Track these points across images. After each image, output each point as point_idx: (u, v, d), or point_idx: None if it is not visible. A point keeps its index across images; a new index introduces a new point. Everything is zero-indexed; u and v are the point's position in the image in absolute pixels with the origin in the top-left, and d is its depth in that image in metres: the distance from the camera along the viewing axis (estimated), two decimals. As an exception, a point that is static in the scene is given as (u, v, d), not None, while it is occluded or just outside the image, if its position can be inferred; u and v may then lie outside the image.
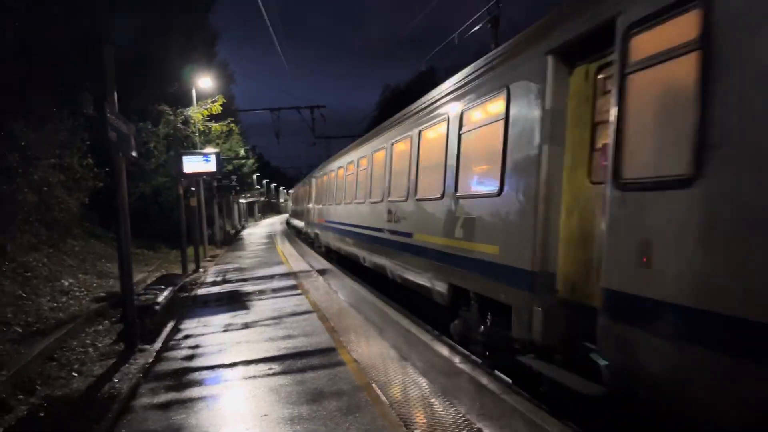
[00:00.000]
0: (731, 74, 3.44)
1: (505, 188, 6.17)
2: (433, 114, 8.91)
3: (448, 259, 7.75)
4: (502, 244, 6.22)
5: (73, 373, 6.96)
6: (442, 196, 8.06)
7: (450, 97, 8.14)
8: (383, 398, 5.23)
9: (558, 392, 5.07)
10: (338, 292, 11.61)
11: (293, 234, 36.89)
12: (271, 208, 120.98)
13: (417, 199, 9.33)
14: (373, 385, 5.62)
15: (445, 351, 6.73)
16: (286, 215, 70.27)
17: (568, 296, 5.29)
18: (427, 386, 5.49)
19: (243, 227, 52.53)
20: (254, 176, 65.82)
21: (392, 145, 11.28)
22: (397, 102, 40.90)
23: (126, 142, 8.03)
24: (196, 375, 6.48)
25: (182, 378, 6.38)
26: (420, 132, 9.50)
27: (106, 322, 9.93)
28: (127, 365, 7.13)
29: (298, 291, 12.03)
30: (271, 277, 14.87)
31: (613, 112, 4.44)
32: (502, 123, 6.32)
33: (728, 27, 3.47)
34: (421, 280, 9.01)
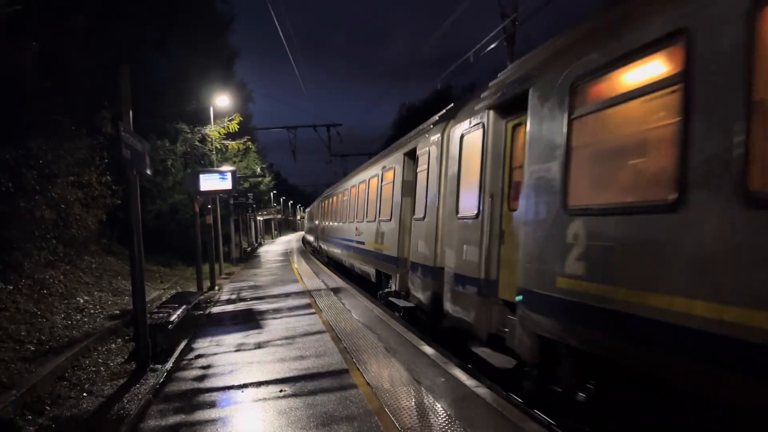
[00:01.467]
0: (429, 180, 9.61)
1: (392, 217, 12.16)
2: (372, 171, 15.56)
3: (375, 255, 14.01)
4: (391, 245, 12.15)
5: (84, 393, 6.89)
6: (374, 220, 14.28)
7: (379, 163, 14.65)
8: (396, 424, 5.06)
9: (406, 313, 10.70)
10: (351, 311, 11.47)
11: (308, 251, 36.88)
12: (287, 226, 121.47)
13: (367, 221, 15.46)
14: (386, 409, 5.46)
15: (460, 374, 6.54)
16: (303, 233, 70.68)
17: (410, 268, 10.60)
18: (441, 412, 5.31)
19: (260, 244, 52.68)
20: (271, 194, 66.18)
21: (359, 184, 17.53)
22: (412, 120, 40.95)
23: (140, 160, 8.04)
24: (206, 396, 6.37)
25: (192, 399, 6.27)
26: (368, 180, 15.80)
27: (119, 340, 9.90)
28: (137, 386, 7.05)
29: (312, 310, 11.92)
30: (286, 295, 14.79)
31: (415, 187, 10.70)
32: (391, 184, 12.55)
33: (425, 162, 9.95)
34: (366, 269, 15.69)
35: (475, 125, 7.58)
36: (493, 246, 6.84)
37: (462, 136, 8.09)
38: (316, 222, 35.04)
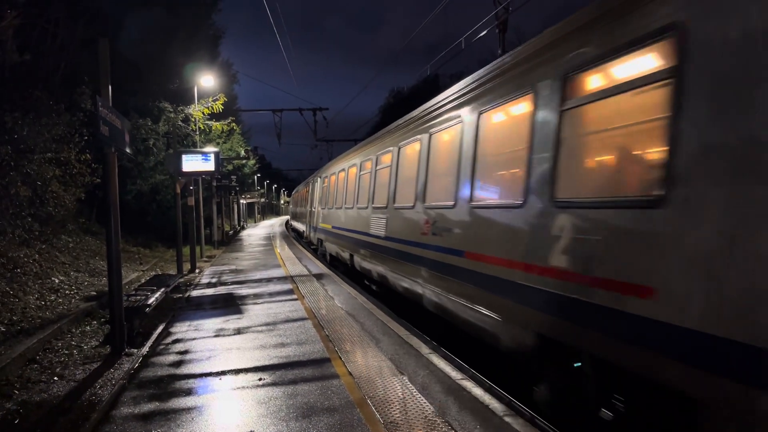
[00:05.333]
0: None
1: (312, 207, 25.52)
2: (307, 182, 31.93)
3: (307, 223, 27.70)
4: (309, 219, 26.66)
5: (55, 377, 6.64)
6: (309, 208, 26.97)
7: (311, 179, 28.69)
8: (378, 417, 4.92)
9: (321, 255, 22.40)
10: (335, 298, 11.31)
11: (292, 236, 36.63)
12: (271, 210, 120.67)
13: (308, 209, 27.40)
14: (368, 401, 5.32)
15: (444, 365, 6.42)
16: (286, 217, 70.52)
17: (311, 228, 25.79)
18: (425, 405, 5.18)
19: (242, 228, 52.22)
20: (254, 177, 65.55)
21: (312, 185, 26.82)
22: (400, 107, 40.67)
23: (119, 137, 7.75)
24: (183, 383, 6.17)
25: (168, 386, 6.07)
26: (306, 188, 30.02)
27: (94, 322, 9.63)
28: (111, 370, 6.83)
29: (294, 296, 11.73)
30: (268, 280, 14.59)
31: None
32: (311, 192, 26.44)
33: (316, 186, 25.67)
34: (302, 230, 32.39)
35: (318, 180, 23.38)
36: (318, 217, 21.76)
37: (318, 181, 23.23)
38: (291, 207, 52.08)
